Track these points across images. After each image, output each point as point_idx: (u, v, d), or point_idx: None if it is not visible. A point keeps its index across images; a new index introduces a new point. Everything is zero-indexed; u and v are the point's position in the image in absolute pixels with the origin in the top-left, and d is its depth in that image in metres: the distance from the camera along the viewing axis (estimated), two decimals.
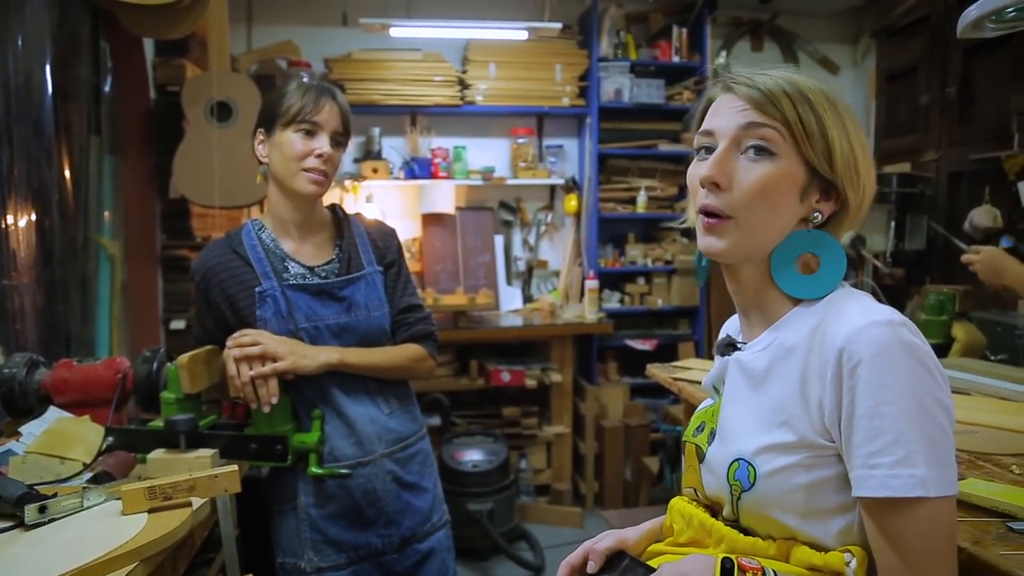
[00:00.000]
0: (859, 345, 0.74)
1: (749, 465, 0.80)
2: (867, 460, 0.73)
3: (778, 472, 0.78)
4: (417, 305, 1.63)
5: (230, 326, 1.49)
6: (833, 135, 0.82)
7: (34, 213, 2.21)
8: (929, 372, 0.74)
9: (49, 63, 2.32)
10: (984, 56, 3.35)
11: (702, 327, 4.02)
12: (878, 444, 0.72)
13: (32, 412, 1.52)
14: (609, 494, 3.67)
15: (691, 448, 0.93)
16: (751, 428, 0.82)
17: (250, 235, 1.53)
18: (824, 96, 0.83)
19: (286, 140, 1.47)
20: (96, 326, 2.66)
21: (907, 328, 0.75)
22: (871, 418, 0.72)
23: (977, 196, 3.30)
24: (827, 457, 0.77)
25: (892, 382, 0.72)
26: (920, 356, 0.74)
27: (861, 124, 0.87)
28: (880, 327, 0.74)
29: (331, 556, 1.50)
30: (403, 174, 3.81)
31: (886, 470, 0.71)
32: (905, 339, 0.74)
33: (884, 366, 0.72)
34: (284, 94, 1.49)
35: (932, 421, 0.72)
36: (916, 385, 0.72)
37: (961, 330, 2.06)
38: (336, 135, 1.50)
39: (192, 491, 1.12)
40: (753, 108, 0.82)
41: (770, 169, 0.81)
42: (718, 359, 0.94)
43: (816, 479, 0.77)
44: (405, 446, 1.57)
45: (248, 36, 3.78)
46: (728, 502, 0.84)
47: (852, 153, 0.83)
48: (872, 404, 0.72)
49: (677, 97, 3.92)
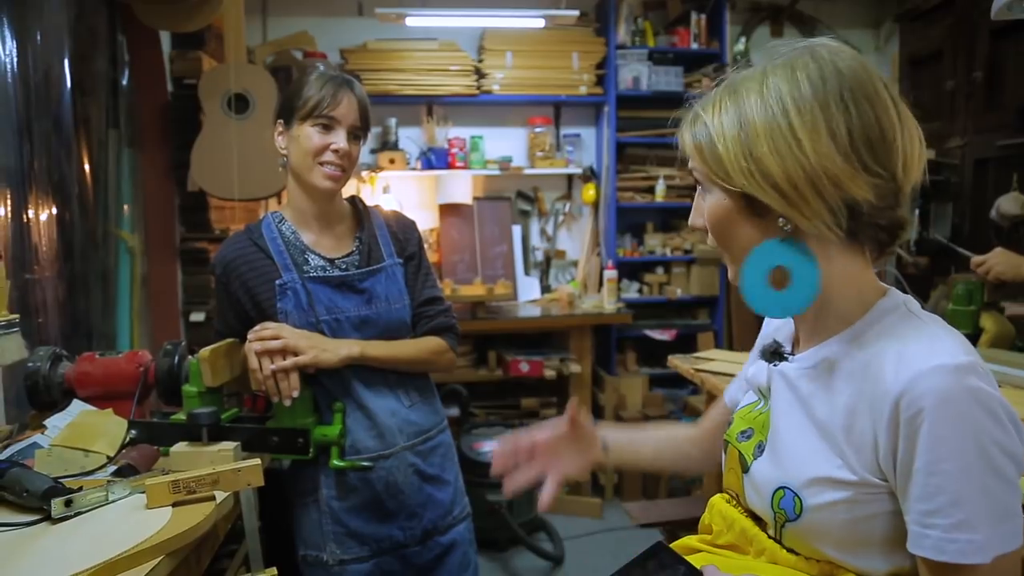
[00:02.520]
0: (920, 393, 0.68)
1: (796, 496, 0.77)
2: (923, 519, 0.69)
3: (827, 507, 0.75)
4: (438, 298, 1.62)
5: (251, 319, 1.49)
6: (762, 151, 0.74)
7: (55, 207, 2.23)
8: (997, 420, 0.68)
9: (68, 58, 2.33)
10: (1013, 39, 3.27)
11: (722, 317, 3.98)
12: (935, 503, 0.68)
13: (56, 405, 1.53)
14: (628, 485, 3.66)
15: (733, 452, 0.90)
16: (800, 456, 0.78)
17: (270, 227, 1.53)
18: (785, 104, 0.74)
19: (303, 134, 1.46)
20: (117, 319, 2.68)
21: (975, 373, 0.69)
22: (929, 474, 0.68)
23: (1004, 183, 3.22)
24: (879, 494, 0.73)
25: (954, 435, 0.67)
26: (988, 403, 0.68)
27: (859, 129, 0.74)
28: (946, 374, 0.68)
29: (353, 549, 1.50)
30: (420, 164, 3.80)
31: (942, 532, 0.67)
32: (972, 387, 0.68)
33: (947, 418, 0.67)
34: (303, 85, 1.48)
35: (996, 474, 0.67)
36: (981, 436, 0.67)
37: (990, 320, 2.01)
38: (354, 129, 1.49)
39: (215, 485, 1.12)
40: (689, 145, 0.83)
41: (711, 201, 0.82)
42: (761, 362, 0.90)
43: (866, 514, 0.74)
44: (426, 439, 1.56)
45: (264, 28, 3.77)
46: (772, 526, 0.81)
47: (797, 173, 0.72)
48: (932, 459, 0.67)
49: (696, 84, 3.87)
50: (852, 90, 0.74)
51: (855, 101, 0.73)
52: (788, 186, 0.73)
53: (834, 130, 0.72)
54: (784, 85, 0.75)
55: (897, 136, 0.74)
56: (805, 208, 0.74)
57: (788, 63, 0.76)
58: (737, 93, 0.77)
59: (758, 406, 0.91)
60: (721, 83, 0.81)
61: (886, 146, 0.74)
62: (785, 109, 0.73)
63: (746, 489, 0.86)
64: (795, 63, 0.76)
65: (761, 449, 0.84)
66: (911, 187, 0.76)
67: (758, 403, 0.91)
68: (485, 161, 3.85)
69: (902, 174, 0.75)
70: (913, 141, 0.76)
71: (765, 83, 0.76)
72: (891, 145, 0.74)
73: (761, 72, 0.77)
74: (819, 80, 0.74)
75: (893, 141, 0.74)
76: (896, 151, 0.74)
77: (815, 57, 0.76)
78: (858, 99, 0.73)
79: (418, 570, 1.55)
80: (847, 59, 0.76)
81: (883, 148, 0.73)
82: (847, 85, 0.74)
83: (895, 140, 0.74)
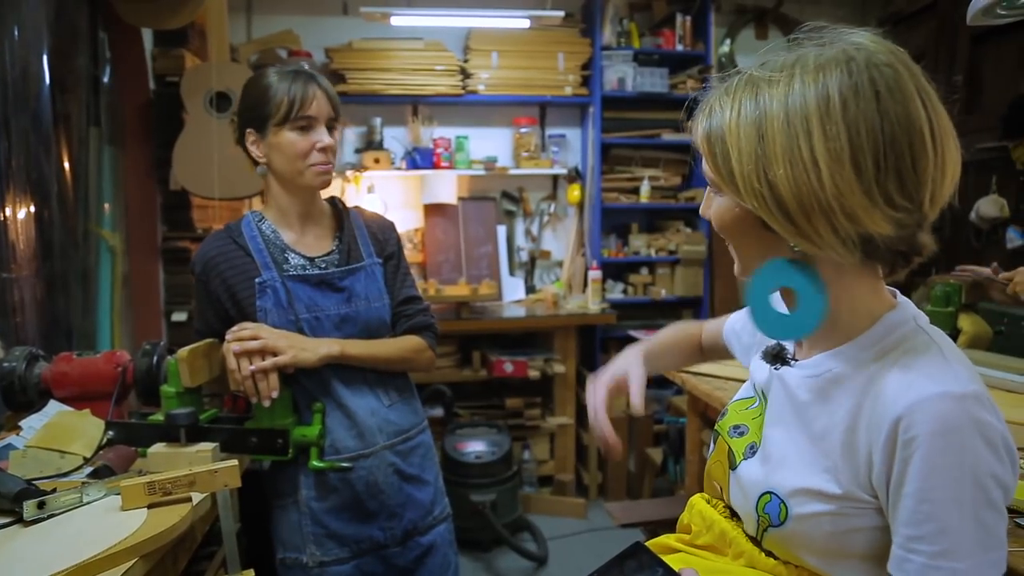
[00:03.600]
0: (920, 419, 0.66)
1: (782, 503, 0.76)
2: (907, 543, 0.68)
3: (811, 517, 0.74)
4: (416, 297, 1.62)
5: (231, 318, 1.48)
6: (778, 174, 0.69)
7: (33, 205, 2.20)
8: (995, 451, 0.67)
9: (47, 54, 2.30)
10: (992, 43, 3.31)
11: (706, 317, 3.99)
12: (922, 530, 0.67)
13: (32, 406, 1.51)
14: (612, 485, 3.67)
15: (723, 446, 0.89)
16: (792, 464, 0.77)
17: (250, 226, 1.52)
18: (809, 125, 0.68)
19: (285, 141, 1.44)
20: (97, 319, 2.65)
21: (980, 403, 0.67)
22: (919, 501, 0.67)
23: (984, 186, 3.27)
24: (866, 509, 0.72)
25: (949, 465, 0.66)
26: (989, 435, 0.66)
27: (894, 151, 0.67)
28: (949, 401, 0.66)
29: (333, 550, 1.49)
30: (405, 164, 3.79)
31: (926, 559, 0.67)
32: (976, 417, 0.66)
33: (944, 447, 0.66)
34: (266, 89, 1.44)
35: (987, 504, 0.66)
36: (979, 468, 0.66)
37: (967, 321, 2.03)
38: (330, 121, 1.48)
39: (192, 486, 1.11)
40: (701, 140, 0.77)
41: (721, 204, 0.79)
42: (762, 361, 0.89)
43: (851, 527, 0.73)
44: (406, 438, 1.56)
45: (248, 26, 3.75)
46: (754, 529, 0.81)
47: (811, 203, 0.68)
48: (924, 487, 0.66)
49: (681, 86, 3.89)
50: (887, 113, 0.67)
51: (888, 125, 0.67)
52: (800, 216, 0.69)
53: (860, 162, 0.67)
54: (812, 99, 0.68)
55: (929, 165, 0.69)
56: (816, 238, 0.70)
57: (820, 66, 0.70)
58: (759, 94, 0.71)
59: (754, 404, 0.90)
60: (742, 74, 0.75)
61: (916, 177, 0.68)
62: (809, 131, 0.68)
63: (731, 486, 0.86)
64: (827, 68, 0.69)
65: (753, 451, 0.84)
66: (938, 212, 0.72)
67: (754, 401, 0.90)
68: (470, 161, 3.85)
69: (928, 205, 0.70)
70: (946, 167, 0.71)
71: (791, 91, 0.70)
72: (921, 176, 0.68)
73: (789, 75, 0.71)
74: (852, 96, 0.67)
75: (924, 171, 0.68)
76: (926, 182, 0.69)
77: (850, 65, 0.69)
78: (892, 123, 0.67)
79: (399, 571, 1.55)
80: (885, 71, 0.69)
81: (912, 180, 0.68)
82: (883, 107, 0.67)
83: (926, 169, 0.69)
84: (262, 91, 1.44)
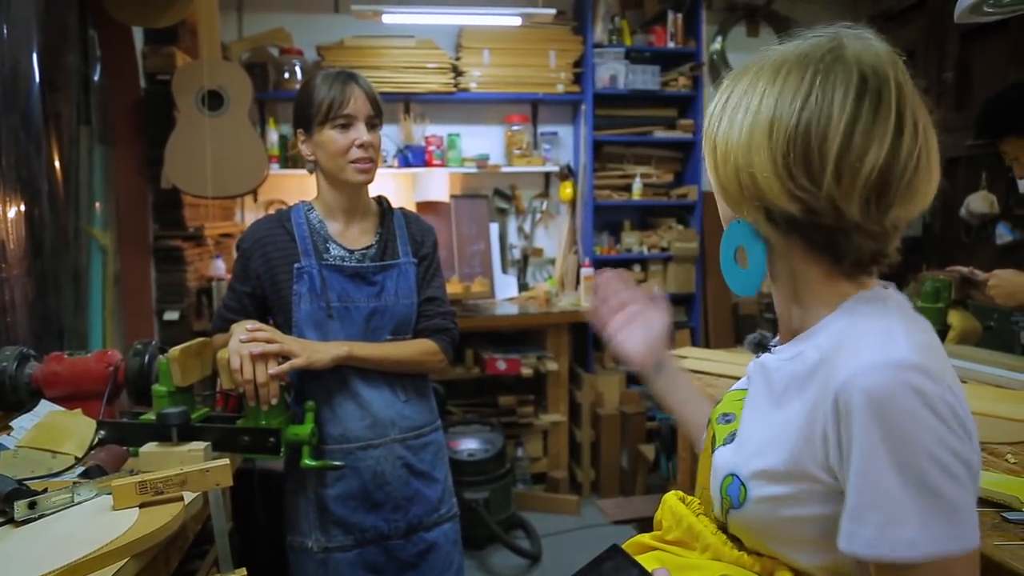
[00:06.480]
0: (855, 389, 0.67)
1: (742, 484, 0.77)
2: (855, 514, 0.67)
3: (769, 500, 0.74)
4: (439, 298, 1.66)
5: (264, 298, 1.56)
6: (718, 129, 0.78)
7: (23, 204, 2.19)
8: (941, 419, 0.65)
9: (36, 52, 2.29)
10: (982, 41, 3.33)
11: (698, 315, 4.01)
12: (866, 499, 0.66)
13: (23, 406, 1.51)
14: (606, 482, 3.68)
15: (710, 432, 0.91)
16: (756, 446, 0.78)
17: (299, 214, 1.59)
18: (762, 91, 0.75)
19: (327, 138, 1.52)
20: (89, 318, 2.65)
21: (921, 371, 0.66)
22: (861, 472, 0.66)
23: (974, 182, 3.29)
24: (826, 494, 0.71)
25: (888, 434, 0.65)
26: (931, 402, 0.65)
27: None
28: (886, 370, 0.66)
29: (337, 537, 1.54)
30: (397, 162, 3.79)
31: (873, 528, 0.66)
32: (913, 385, 0.65)
33: (879, 415, 0.65)
34: (311, 91, 1.53)
35: (939, 473, 0.65)
36: (923, 434, 0.65)
37: (957, 317, 2.05)
38: (370, 119, 1.55)
39: (183, 485, 1.11)
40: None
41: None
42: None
43: (810, 514, 0.73)
44: (419, 435, 1.61)
45: (239, 23, 3.74)
46: (719, 510, 0.82)
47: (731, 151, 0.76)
48: (863, 455, 0.66)
49: (672, 83, 3.89)
50: (818, 96, 0.71)
51: (814, 107, 0.71)
52: (722, 169, 0.78)
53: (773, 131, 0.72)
54: (771, 70, 0.76)
55: (838, 151, 0.70)
56: (731, 202, 0.79)
57: (802, 53, 0.76)
58: (747, 72, 0.79)
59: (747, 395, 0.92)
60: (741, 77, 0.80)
61: (819, 161, 0.71)
62: (753, 94, 0.75)
63: (711, 471, 0.87)
64: (808, 53, 0.76)
65: (733, 437, 0.85)
66: (857, 209, 0.72)
67: (747, 392, 0.91)
68: (462, 159, 3.85)
69: (838, 195, 0.71)
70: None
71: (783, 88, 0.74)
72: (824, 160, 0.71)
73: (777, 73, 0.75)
74: (797, 74, 0.74)
75: (829, 156, 0.70)
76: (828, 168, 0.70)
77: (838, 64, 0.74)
78: (819, 105, 0.71)
79: (401, 564, 1.58)
80: (878, 73, 0.73)
81: (817, 163, 0.71)
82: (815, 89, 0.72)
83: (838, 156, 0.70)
84: (308, 94, 1.54)
